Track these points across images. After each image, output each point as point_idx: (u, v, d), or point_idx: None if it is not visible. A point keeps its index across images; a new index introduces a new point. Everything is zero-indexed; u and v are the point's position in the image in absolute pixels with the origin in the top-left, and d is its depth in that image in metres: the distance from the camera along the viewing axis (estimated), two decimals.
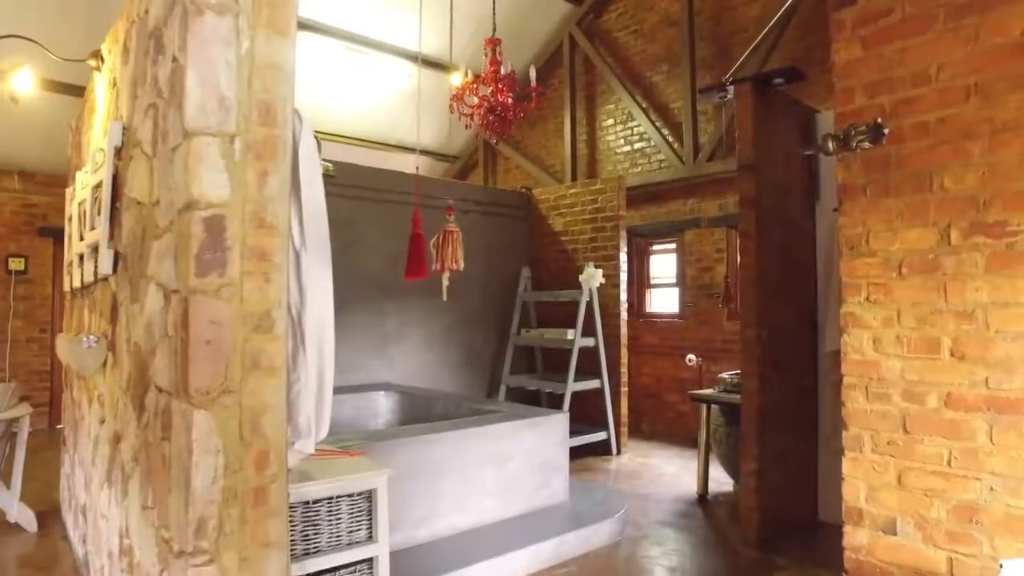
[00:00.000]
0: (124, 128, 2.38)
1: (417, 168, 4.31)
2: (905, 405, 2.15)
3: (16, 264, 6.71)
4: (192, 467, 1.58)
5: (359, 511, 2.08)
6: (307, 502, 1.97)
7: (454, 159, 9.32)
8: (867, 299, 2.29)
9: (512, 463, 3.69)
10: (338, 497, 2.03)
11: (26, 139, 6.31)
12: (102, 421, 2.63)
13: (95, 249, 2.53)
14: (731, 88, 3.76)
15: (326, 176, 3.78)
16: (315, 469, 2.10)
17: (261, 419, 1.69)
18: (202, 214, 1.63)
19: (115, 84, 2.66)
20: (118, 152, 2.41)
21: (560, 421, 3.99)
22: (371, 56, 7.24)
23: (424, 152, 9.02)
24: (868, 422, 2.25)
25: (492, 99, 4.49)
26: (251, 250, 1.70)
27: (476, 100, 4.60)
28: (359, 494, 2.08)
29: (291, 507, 1.94)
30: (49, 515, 3.92)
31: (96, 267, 2.52)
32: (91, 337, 2.56)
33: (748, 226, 3.58)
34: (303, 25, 6.64)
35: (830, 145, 2.28)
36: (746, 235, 3.60)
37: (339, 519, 2.03)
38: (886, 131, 2.13)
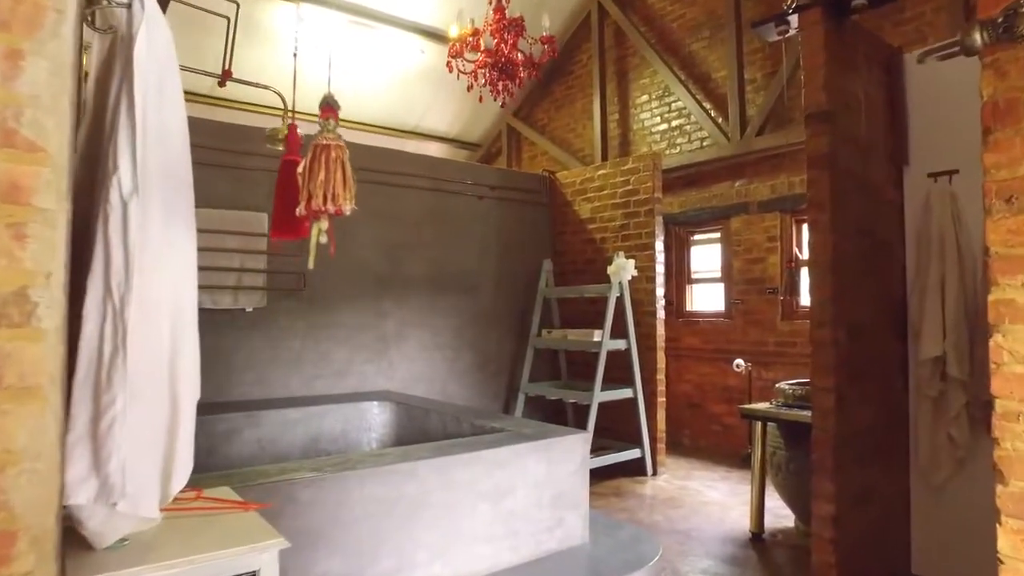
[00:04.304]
0: None
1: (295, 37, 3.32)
2: None
3: None
4: None
5: None
6: None
7: (475, 147, 8.61)
8: None
9: (514, 497, 2.92)
10: None
11: None
12: None
13: None
14: (794, 18, 2.92)
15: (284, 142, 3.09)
16: (169, 539, 1.37)
17: (1, 476, 0.98)
18: None
19: None
20: None
21: (577, 443, 3.20)
22: (378, 31, 6.57)
23: (443, 140, 8.34)
24: None
25: (497, 53, 3.73)
26: None
27: (480, 56, 3.85)
28: None
29: None
30: None
31: None
32: None
33: (819, 193, 2.75)
34: None
35: (977, 37, 1.45)
36: (817, 205, 2.76)
37: None
38: None
